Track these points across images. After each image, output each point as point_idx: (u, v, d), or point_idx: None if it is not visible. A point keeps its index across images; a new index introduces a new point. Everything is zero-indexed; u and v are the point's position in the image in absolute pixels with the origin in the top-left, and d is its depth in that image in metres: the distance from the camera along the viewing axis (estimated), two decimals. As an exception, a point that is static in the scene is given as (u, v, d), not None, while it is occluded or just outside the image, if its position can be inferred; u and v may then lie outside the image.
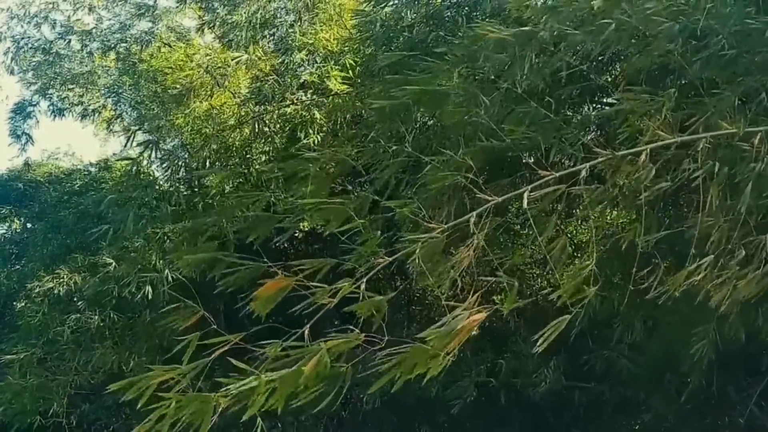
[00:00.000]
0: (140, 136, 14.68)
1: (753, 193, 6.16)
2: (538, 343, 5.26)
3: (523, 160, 6.14)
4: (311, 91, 12.95)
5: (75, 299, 13.91)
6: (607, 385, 11.98)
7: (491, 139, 6.16)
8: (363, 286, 5.37)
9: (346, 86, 12.02)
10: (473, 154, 5.99)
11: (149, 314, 12.73)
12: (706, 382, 10.06)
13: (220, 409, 4.80)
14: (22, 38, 19.82)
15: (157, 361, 12.50)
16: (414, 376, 4.91)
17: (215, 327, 5.25)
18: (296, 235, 13.93)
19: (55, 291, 14.01)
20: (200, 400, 4.77)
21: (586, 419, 12.45)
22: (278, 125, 13.12)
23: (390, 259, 5.53)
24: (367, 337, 5.10)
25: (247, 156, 13.38)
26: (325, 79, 12.43)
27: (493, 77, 6.71)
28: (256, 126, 12.87)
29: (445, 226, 5.58)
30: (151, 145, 13.23)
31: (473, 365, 11.98)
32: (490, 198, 5.68)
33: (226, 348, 5.09)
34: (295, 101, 12.69)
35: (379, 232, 5.61)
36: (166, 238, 12.73)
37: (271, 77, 12.76)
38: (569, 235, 6.45)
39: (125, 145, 14.20)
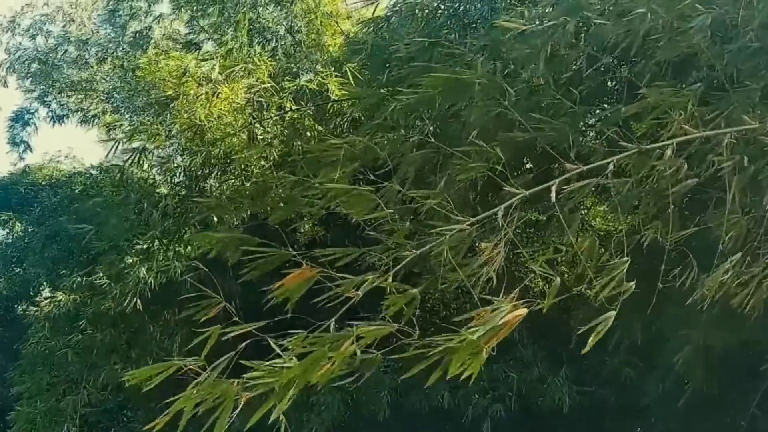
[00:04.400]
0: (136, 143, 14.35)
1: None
2: (589, 343, 5.03)
3: (549, 153, 5.90)
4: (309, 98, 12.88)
5: (76, 319, 13.76)
6: (609, 390, 11.99)
7: (516, 131, 5.96)
8: (390, 279, 5.15)
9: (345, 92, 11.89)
10: (499, 146, 5.78)
11: (152, 328, 13.08)
12: (708, 385, 10.01)
13: (243, 401, 4.56)
14: (17, 50, 20.02)
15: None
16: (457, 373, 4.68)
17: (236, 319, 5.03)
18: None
19: (53, 314, 14.08)
20: (220, 388, 4.49)
21: (588, 424, 12.41)
22: (276, 132, 12.99)
23: (418, 252, 5.30)
24: (399, 329, 4.88)
25: (246, 163, 13.14)
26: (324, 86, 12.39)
27: (515, 68, 6.48)
28: (253, 133, 12.85)
29: (473, 219, 5.36)
30: (137, 154, 13.16)
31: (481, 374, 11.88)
32: (517, 191, 5.47)
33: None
34: (293, 109, 12.63)
35: (408, 224, 5.34)
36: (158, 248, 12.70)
37: (268, 83, 12.57)
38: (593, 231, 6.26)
39: (110, 153, 13.96)
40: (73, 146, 31.53)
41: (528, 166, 6.24)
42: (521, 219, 5.67)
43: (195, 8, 15.20)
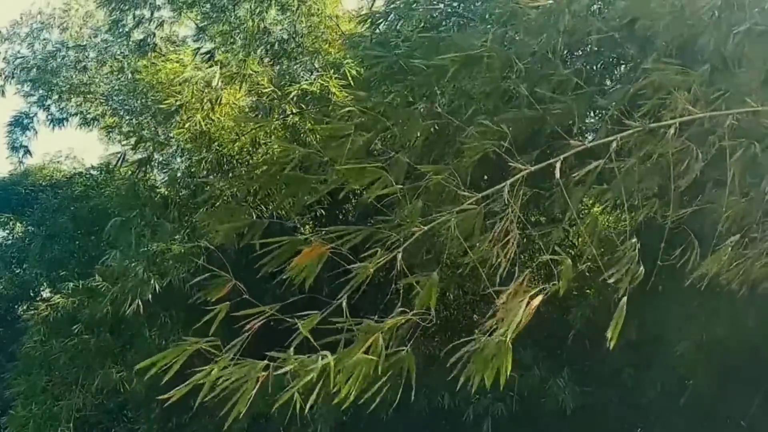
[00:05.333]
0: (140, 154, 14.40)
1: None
2: (609, 336, 4.99)
3: (554, 130, 5.92)
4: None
5: (74, 322, 13.76)
6: (609, 391, 11.94)
7: (523, 107, 5.98)
8: (399, 256, 5.14)
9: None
10: (507, 123, 5.79)
11: (149, 332, 13.02)
12: (708, 386, 10.03)
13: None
14: (16, 58, 19.97)
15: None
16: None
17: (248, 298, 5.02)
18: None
19: (51, 317, 14.02)
20: (243, 368, 4.47)
21: (588, 425, 12.28)
22: (278, 135, 12.98)
23: (426, 227, 5.29)
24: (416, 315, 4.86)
25: (248, 164, 13.26)
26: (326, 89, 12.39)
27: (526, 39, 6.48)
28: (255, 137, 12.86)
29: (479, 196, 5.36)
30: (143, 165, 13.42)
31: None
32: (522, 167, 5.48)
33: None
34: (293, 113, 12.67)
35: (420, 202, 5.33)
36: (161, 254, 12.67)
37: (269, 88, 12.64)
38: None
39: (118, 163, 13.96)
40: (73, 146, 31.56)
41: (533, 142, 6.20)
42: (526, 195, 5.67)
43: (201, 17, 15.34)
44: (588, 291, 11.77)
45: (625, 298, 4.97)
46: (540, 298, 4.69)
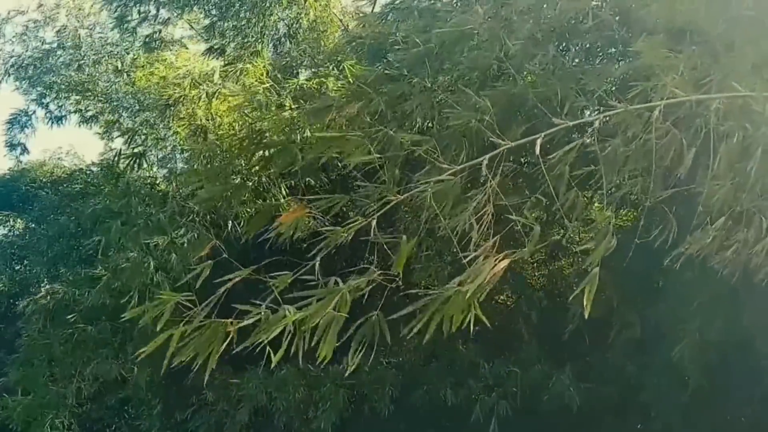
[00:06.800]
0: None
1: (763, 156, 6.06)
2: (585, 306, 5.00)
3: (538, 107, 5.96)
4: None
5: (72, 312, 13.80)
6: (609, 387, 11.92)
7: (508, 83, 6.03)
8: (374, 223, 5.22)
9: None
10: (492, 98, 5.84)
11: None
12: (708, 381, 10.09)
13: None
14: (11, 56, 19.90)
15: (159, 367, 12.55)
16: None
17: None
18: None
19: (51, 307, 14.10)
20: (210, 328, 4.59)
21: (588, 422, 12.24)
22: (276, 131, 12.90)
23: (402, 197, 5.37)
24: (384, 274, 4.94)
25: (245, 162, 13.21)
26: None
27: (516, 17, 6.52)
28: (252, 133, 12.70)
29: (458, 167, 5.42)
30: (138, 157, 13.41)
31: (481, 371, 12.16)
32: (503, 141, 5.52)
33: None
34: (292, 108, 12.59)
35: (397, 170, 5.40)
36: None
37: (268, 84, 12.61)
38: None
39: (115, 160, 14.01)
40: (73, 142, 31.25)
41: (519, 119, 6.26)
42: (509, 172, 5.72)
43: (202, 15, 15.44)
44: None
45: (597, 268, 4.96)
46: (506, 262, 4.73)
